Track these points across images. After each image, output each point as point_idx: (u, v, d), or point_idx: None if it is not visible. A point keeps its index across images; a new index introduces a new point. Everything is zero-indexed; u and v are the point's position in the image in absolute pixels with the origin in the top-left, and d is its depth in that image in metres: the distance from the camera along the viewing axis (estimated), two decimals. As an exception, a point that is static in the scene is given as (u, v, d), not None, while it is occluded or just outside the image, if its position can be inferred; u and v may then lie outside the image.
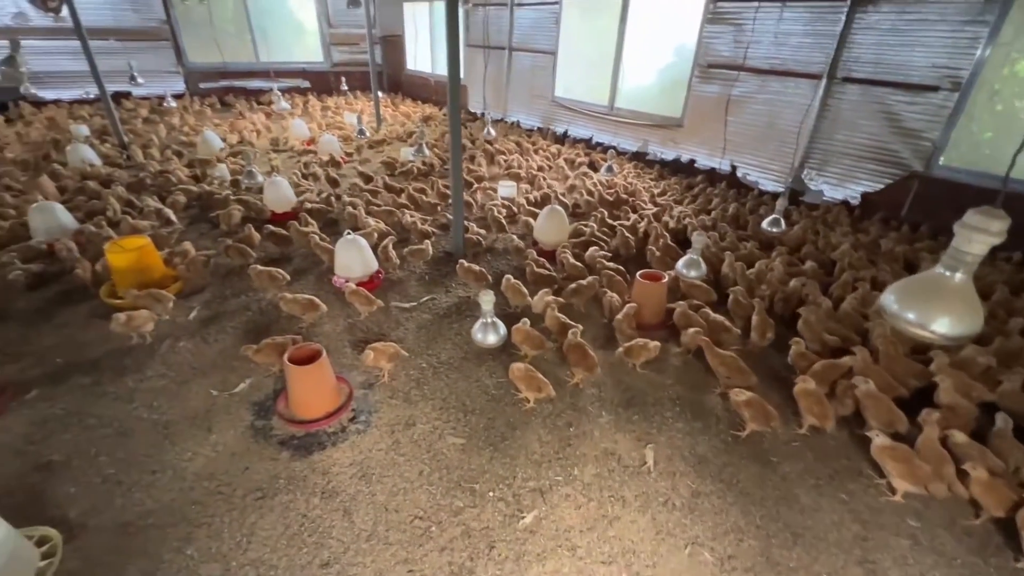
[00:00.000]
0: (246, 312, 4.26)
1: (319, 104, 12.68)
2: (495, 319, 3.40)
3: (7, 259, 4.53)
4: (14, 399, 3.24)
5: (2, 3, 11.60)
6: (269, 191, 5.97)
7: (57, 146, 8.17)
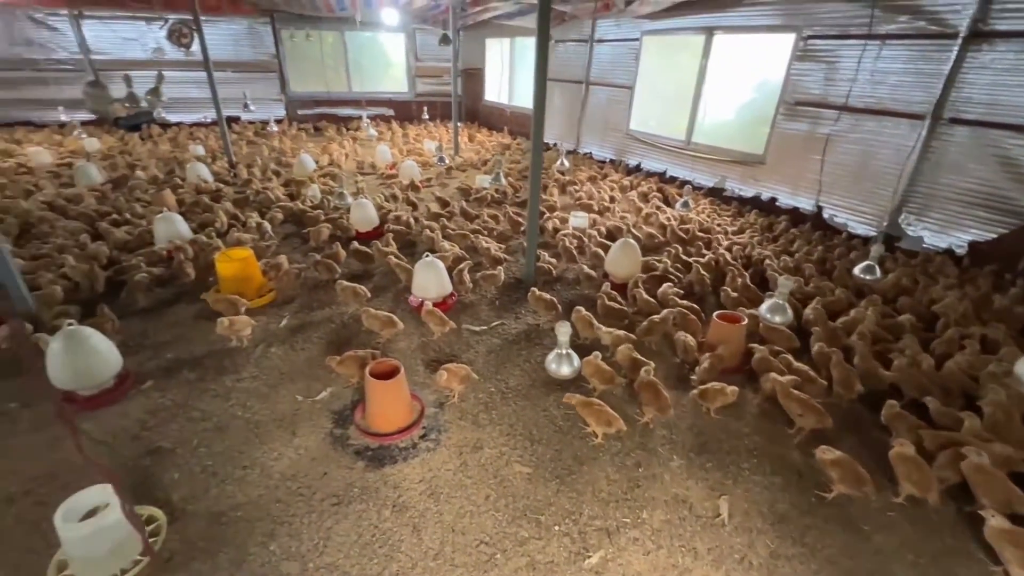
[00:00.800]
0: (330, 324, 4.56)
1: (401, 131, 13.50)
2: (570, 350, 3.42)
3: (135, 261, 5.15)
4: (133, 387, 3.64)
5: (145, 39, 13.48)
6: (355, 211, 6.42)
7: (178, 164, 9.24)
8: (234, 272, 4.66)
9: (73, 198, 7.20)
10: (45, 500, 2.75)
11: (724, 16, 7.58)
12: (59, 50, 13.13)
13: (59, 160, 9.70)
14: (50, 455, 3.05)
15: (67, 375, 3.31)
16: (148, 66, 13.61)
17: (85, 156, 9.89)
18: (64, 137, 11.73)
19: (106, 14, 12.48)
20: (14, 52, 12.67)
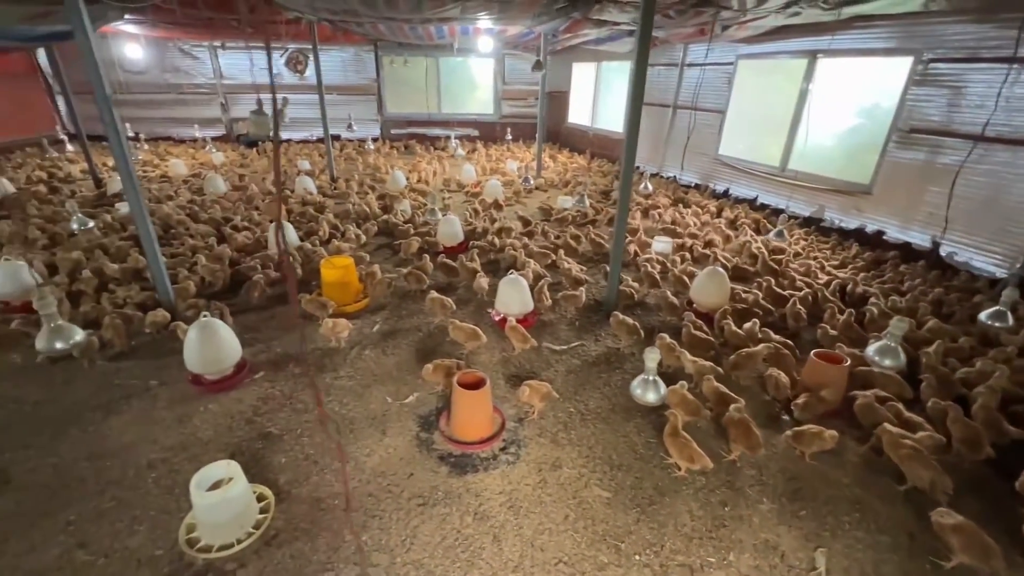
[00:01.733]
0: (417, 332, 4.81)
1: (485, 151, 14.03)
2: (657, 378, 3.37)
3: (253, 263, 5.76)
4: (248, 376, 4.05)
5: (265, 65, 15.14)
6: (443, 227, 6.75)
7: (288, 177, 10.23)
8: (336, 278, 5.08)
9: (202, 204, 8.20)
10: (177, 468, 3.13)
11: (830, 39, 7.21)
12: (198, 76, 15.13)
13: (192, 171, 11.08)
14: (180, 429, 3.48)
15: (199, 360, 3.76)
16: (266, 90, 15.29)
17: (213, 168, 11.24)
18: (196, 151, 13.43)
19: (240, 45, 14.18)
20: (164, 78, 14.77)
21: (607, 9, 5.77)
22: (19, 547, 2.60)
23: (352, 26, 9.62)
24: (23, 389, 3.85)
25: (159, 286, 4.67)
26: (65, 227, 6.81)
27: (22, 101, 13.85)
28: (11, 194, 8.62)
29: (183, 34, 12.43)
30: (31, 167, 11.02)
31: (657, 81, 11.23)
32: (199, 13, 6.10)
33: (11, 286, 4.87)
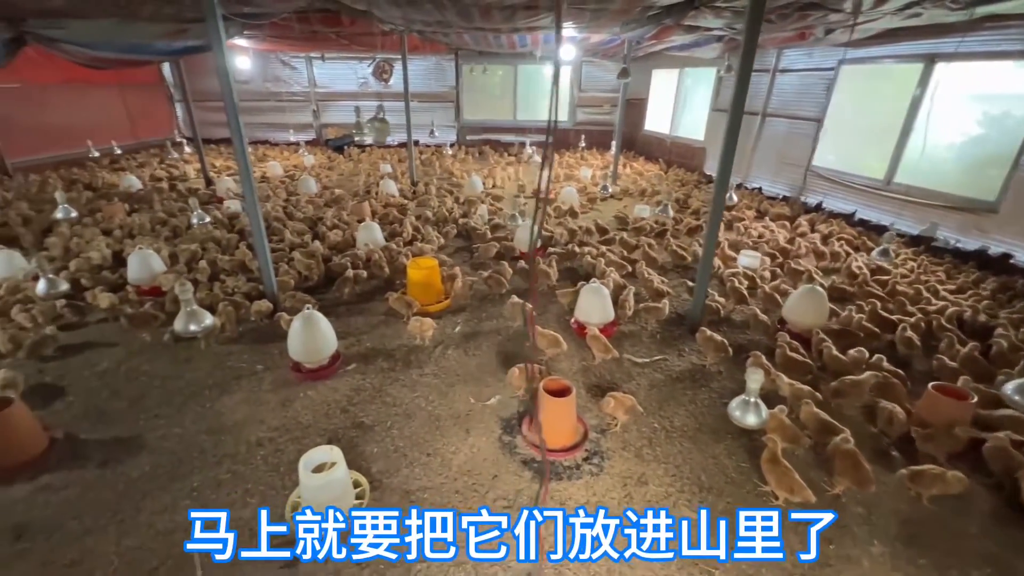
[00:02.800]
0: (497, 336, 4.89)
1: (559, 158, 14.05)
2: (759, 400, 3.21)
3: (343, 260, 6.11)
4: (341, 367, 4.30)
5: (355, 75, 16.10)
6: (521, 232, 6.82)
7: (374, 180, 10.79)
8: (421, 278, 5.28)
9: (296, 203, 8.83)
10: (282, 448, 3.38)
11: (951, 41, 6.57)
12: (295, 85, 16.34)
13: (286, 172, 11.97)
14: (283, 412, 3.74)
15: (301, 349, 4.04)
16: (354, 97, 16.27)
17: (305, 170, 12.08)
18: (290, 154, 14.50)
19: (335, 56, 15.17)
20: (265, 87, 16.08)
21: (703, 15, 5.61)
22: (154, 506, 2.90)
23: (439, 36, 9.99)
24: (153, 364, 4.32)
25: (265, 278, 5.07)
26: (183, 220, 7.60)
27: (149, 108, 15.62)
28: (139, 190, 9.73)
29: (287, 47, 13.47)
30: (153, 166, 12.40)
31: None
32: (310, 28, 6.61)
33: (143, 272, 5.49)
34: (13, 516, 2.85)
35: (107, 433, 3.53)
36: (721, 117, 11.43)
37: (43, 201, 8.70)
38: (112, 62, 8.04)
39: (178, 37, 7.07)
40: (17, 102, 11.49)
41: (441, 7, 5.48)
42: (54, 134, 12.42)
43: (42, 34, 7.06)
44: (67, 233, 6.96)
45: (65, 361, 4.37)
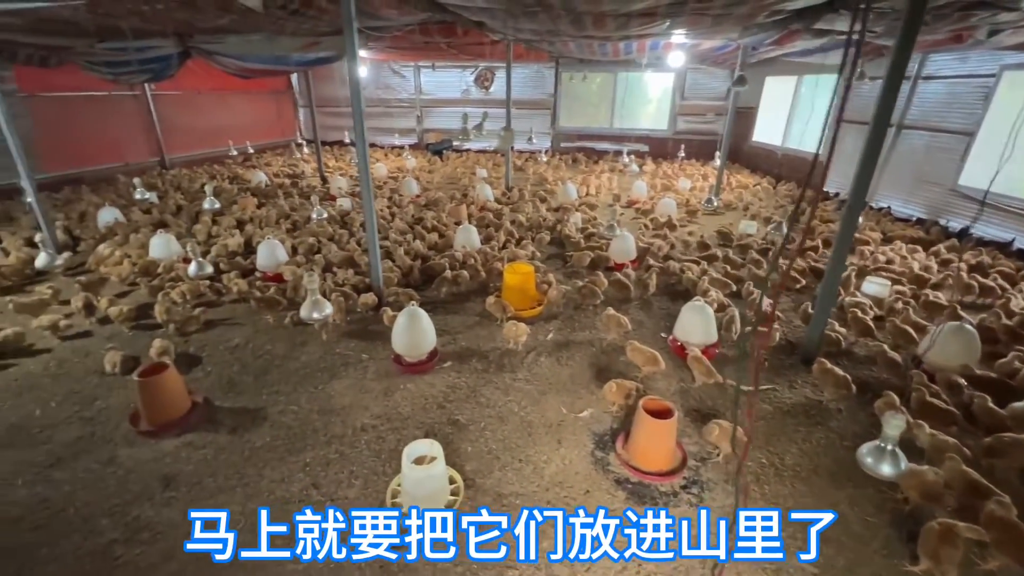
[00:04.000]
0: (590, 347, 4.80)
1: (656, 167, 13.62)
2: (897, 448, 2.85)
3: (441, 260, 6.35)
4: (437, 364, 4.45)
5: (458, 83, 16.77)
6: (617, 243, 6.67)
7: (470, 185, 11.15)
8: (517, 283, 5.33)
9: (399, 203, 9.35)
10: (383, 436, 3.56)
11: None
12: (402, 92, 17.39)
13: (391, 174, 12.74)
14: (385, 401, 3.95)
15: (403, 343, 4.25)
16: (455, 104, 16.96)
17: (407, 172, 12.78)
18: (394, 156, 15.43)
19: (442, 64, 15.93)
20: (376, 94, 17.26)
21: (841, 18, 5.12)
22: (274, 475, 3.19)
23: (544, 45, 10.11)
24: (274, 344, 4.77)
25: (373, 273, 5.40)
26: (302, 215, 8.35)
27: (278, 112, 17.44)
28: (267, 185, 10.86)
29: (399, 56, 14.38)
30: (277, 165, 13.78)
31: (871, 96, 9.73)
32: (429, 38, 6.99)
33: (269, 260, 6.09)
34: (163, 467, 3.27)
35: (236, 402, 3.94)
36: (846, 129, 10.44)
37: (193, 192, 10.01)
38: (257, 72, 9.06)
39: (311, 49, 7.80)
40: (176, 107, 13.36)
41: (555, 16, 5.52)
42: (203, 134, 14.27)
43: (204, 48, 8.13)
44: (209, 221, 7.94)
45: (204, 335, 4.96)
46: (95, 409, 3.84)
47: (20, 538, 2.75)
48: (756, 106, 13.84)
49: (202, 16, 5.12)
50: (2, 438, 3.51)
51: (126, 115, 12.28)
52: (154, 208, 8.75)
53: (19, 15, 5.00)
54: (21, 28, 6.09)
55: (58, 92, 10.57)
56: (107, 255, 6.42)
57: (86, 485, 3.11)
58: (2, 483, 3.11)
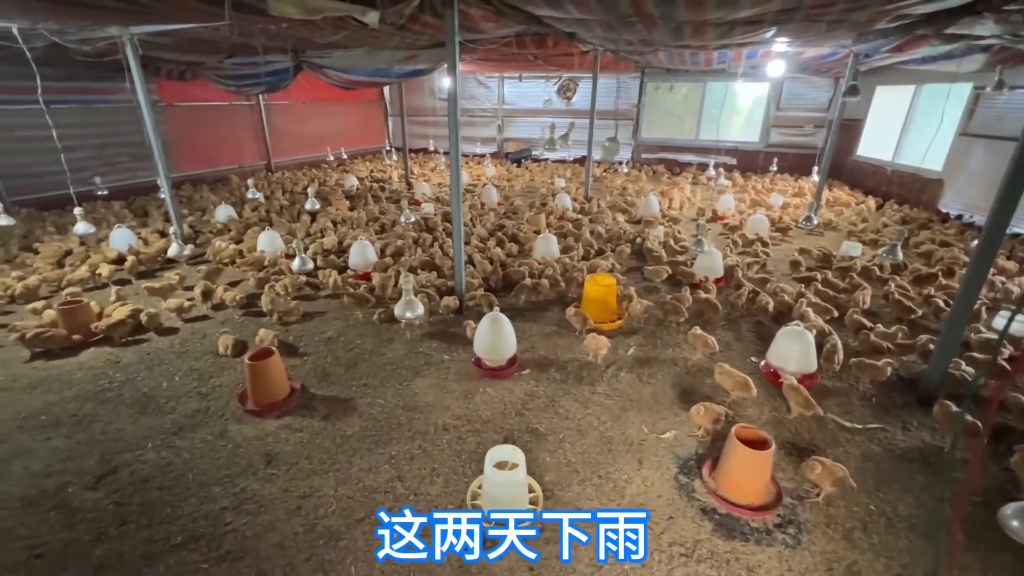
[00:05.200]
0: (673, 366, 4.62)
1: (744, 181, 12.93)
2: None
3: (521, 268, 6.41)
4: (516, 371, 4.48)
5: (540, 94, 16.95)
6: (703, 259, 6.38)
7: (551, 194, 11.20)
8: (598, 295, 5.26)
9: (480, 210, 9.57)
10: (463, 437, 3.63)
11: None
12: (485, 102, 17.86)
13: (472, 181, 13.09)
14: (465, 403, 4.03)
15: (485, 346, 4.32)
16: (536, 114, 17.17)
17: (488, 180, 13.07)
18: (475, 164, 15.86)
19: (528, 75, 16.17)
20: (461, 104, 17.82)
21: (981, 22, 4.59)
22: (362, 464, 3.35)
23: (634, 55, 9.97)
24: (363, 339, 5.04)
25: (456, 276, 5.56)
26: (389, 218, 8.80)
27: (369, 121, 18.56)
28: (357, 188, 11.56)
29: (487, 68, 14.79)
30: (366, 170, 14.65)
31: (1008, 106, 8.61)
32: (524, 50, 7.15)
33: (360, 259, 6.46)
34: (266, 444, 3.55)
35: (329, 391, 4.20)
36: (974, 144, 9.36)
37: (294, 193, 10.89)
38: (359, 83, 9.72)
39: (409, 62, 8.24)
40: (284, 115, 14.63)
41: (651, 26, 5.43)
42: (304, 140, 15.52)
43: (313, 62, 8.86)
44: (308, 221, 8.58)
45: (302, 325, 5.34)
46: (210, 386, 4.26)
47: (149, 495, 3.09)
48: (863, 118, 12.73)
49: (320, 32, 5.58)
50: (138, 404, 3.99)
51: (242, 123, 13.64)
52: (260, 207, 9.61)
53: (171, 35, 5.72)
54: (169, 46, 6.96)
55: (189, 102, 11.96)
56: (222, 248, 7.12)
57: (202, 454, 3.45)
58: (137, 445, 3.52)
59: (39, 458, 3.40)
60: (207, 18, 3.92)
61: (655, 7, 4.51)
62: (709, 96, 15.17)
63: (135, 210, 9.59)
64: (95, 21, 4.66)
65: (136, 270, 6.62)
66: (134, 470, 3.29)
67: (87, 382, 4.29)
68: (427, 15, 4.86)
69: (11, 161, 9.18)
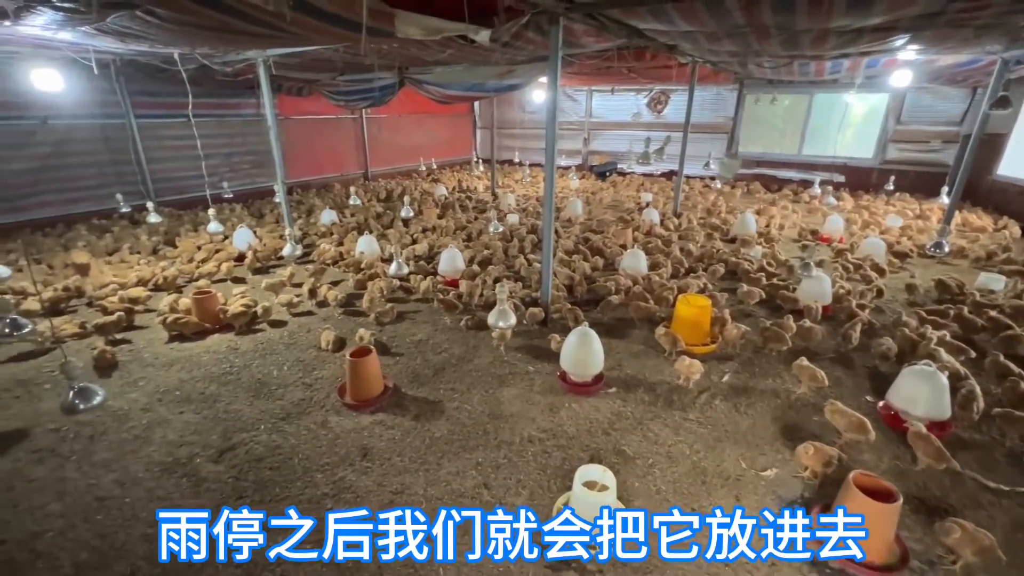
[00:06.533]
0: (774, 398, 4.28)
1: (855, 201, 11.82)
2: None
3: (607, 283, 6.29)
4: (602, 388, 4.39)
5: (630, 106, 16.70)
6: (808, 284, 5.89)
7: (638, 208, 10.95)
8: (691, 316, 5.02)
9: (566, 223, 9.56)
10: (549, 451, 3.60)
11: None
12: (572, 115, 17.89)
13: (558, 193, 13.14)
14: (551, 416, 4.00)
15: (572, 361, 4.28)
16: (623, 127, 16.93)
17: (572, 192, 13.06)
18: (559, 177, 15.92)
19: (620, 87, 16.01)
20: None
21: None
22: (450, 468, 3.43)
23: (735, 66, 9.53)
24: (451, 344, 5.19)
25: (543, 288, 5.57)
26: (475, 227, 9.05)
27: (458, 133, 19.33)
28: (445, 198, 12.04)
29: (577, 81, 14.84)
30: (454, 181, 15.21)
31: None
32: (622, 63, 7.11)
33: (449, 266, 6.70)
34: (362, 438, 3.75)
35: (419, 392, 4.36)
36: None
37: (389, 201, 11.56)
38: (456, 98, 10.16)
39: (505, 77, 8.48)
40: (382, 127, 15.66)
41: (764, 37, 5.15)
42: (398, 151, 16.49)
43: (415, 78, 9.38)
44: (401, 227, 9.05)
45: (394, 327, 5.61)
46: (313, 377, 4.59)
47: (262, 474, 3.38)
48: (1007, 132, 11.17)
49: (428, 51, 5.91)
50: (253, 389, 4.39)
51: (346, 134, 14.77)
52: (359, 212, 10.30)
53: (300, 56, 6.34)
54: (294, 66, 7.71)
55: (303, 115, 13.16)
56: (326, 250, 7.70)
57: (306, 441, 3.71)
58: (252, 426, 3.87)
59: (174, 429, 3.84)
60: (344, 41, 4.29)
61: (772, 16, 4.28)
62: (816, 108, 14.10)
63: (253, 212, 10.67)
64: (245, 46, 5.27)
65: (253, 266, 7.35)
66: (249, 449, 3.62)
67: (212, 364, 4.80)
68: (531, 32, 4.97)
69: (160, 167, 10.65)
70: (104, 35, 4.03)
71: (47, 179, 9.15)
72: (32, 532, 2.92)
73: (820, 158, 14.11)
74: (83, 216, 9.49)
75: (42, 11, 3.40)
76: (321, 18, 3.05)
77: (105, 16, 3.26)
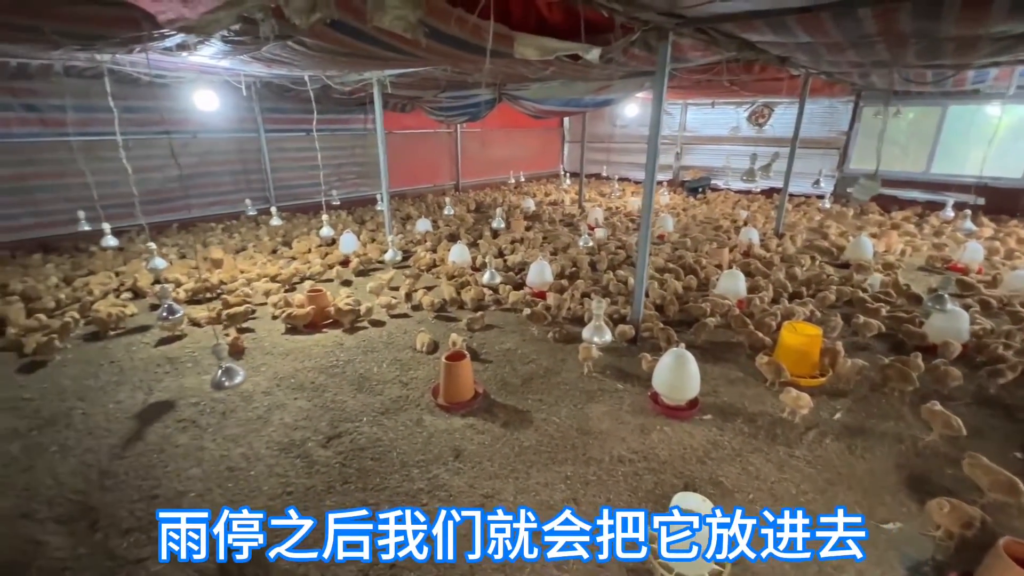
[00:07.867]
0: (897, 443, 3.84)
1: (997, 227, 10.35)
2: None
3: (703, 305, 6.02)
4: (697, 413, 4.20)
5: (727, 120, 15.98)
6: (940, 319, 5.24)
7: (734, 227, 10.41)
8: (798, 345, 4.67)
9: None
10: (639, 474, 3.50)
11: None
12: (664, 128, 17.40)
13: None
14: (641, 438, 3.89)
15: (666, 382, 4.15)
16: (718, 141, 16.20)
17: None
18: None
19: (720, 101, 15.39)
20: (639, 131, 17.72)
21: None
22: (539, 478, 3.46)
23: (853, 77, 8.80)
24: (539, 356, 5.24)
25: (635, 305, 5.46)
26: (562, 241, 9.09)
27: (547, 146, 19.60)
28: (533, 211, 12.22)
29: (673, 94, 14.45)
30: (541, 194, 15.39)
31: None
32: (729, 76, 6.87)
33: (538, 278, 6.78)
34: (454, 439, 3.89)
35: (507, 400, 4.45)
36: None
37: (479, 211, 11.96)
38: (550, 113, 10.34)
39: (601, 92, 8.49)
40: (474, 140, 16.29)
41: (899, 46, 4.71)
42: (488, 164, 17.05)
43: (512, 94, 9.68)
44: (491, 237, 9.32)
45: (484, 334, 5.78)
46: (409, 377, 4.85)
47: (364, 463, 3.62)
48: None
49: (531, 68, 6.08)
50: (356, 382, 4.73)
51: (441, 147, 15.56)
52: (452, 222, 10.77)
53: (412, 75, 6.82)
54: (404, 84, 8.28)
55: (403, 130, 14.06)
56: (422, 256, 8.13)
57: (403, 437, 3.92)
58: (356, 417, 4.17)
59: (290, 413, 4.24)
60: (467, 64, 4.57)
61: (912, 23, 3.91)
62: (950, 121, 12.57)
63: (356, 219, 11.55)
64: (371, 67, 5.76)
65: (357, 269, 7.93)
66: (353, 439, 3.89)
67: (321, 357, 5.24)
68: (637, 47, 4.95)
69: (281, 176, 11.92)
70: (257, 62, 4.62)
71: (193, 185, 10.58)
72: (178, 491, 3.36)
73: (953, 177, 12.53)
74: (217, 217, 10.84)
75: (213, 43, 3.98)
76: (450, 43, 3.27)
77: (263, 45, 3.75)
